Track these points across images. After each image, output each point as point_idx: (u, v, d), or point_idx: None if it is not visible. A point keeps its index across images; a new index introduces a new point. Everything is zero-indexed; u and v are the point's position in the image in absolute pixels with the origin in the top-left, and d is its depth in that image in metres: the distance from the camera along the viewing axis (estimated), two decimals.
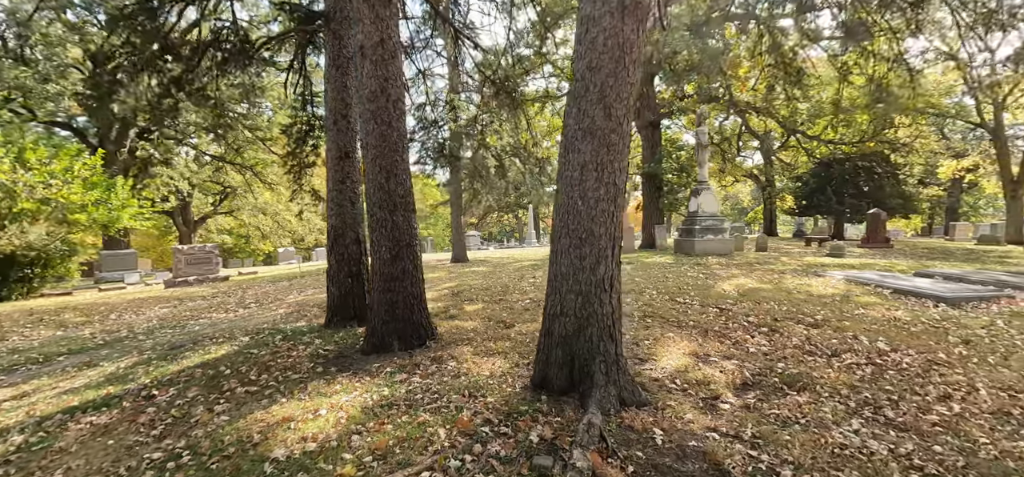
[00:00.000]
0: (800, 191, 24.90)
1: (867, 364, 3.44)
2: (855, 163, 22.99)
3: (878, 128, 19.64)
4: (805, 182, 24.59)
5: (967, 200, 37.21)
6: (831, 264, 8.73)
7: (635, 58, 2.86)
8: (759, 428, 2.48)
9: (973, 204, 38.16)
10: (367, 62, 3.60)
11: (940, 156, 27.52)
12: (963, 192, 34.46)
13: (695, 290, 5.96)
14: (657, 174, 17.28)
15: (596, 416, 2.44)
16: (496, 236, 50.66)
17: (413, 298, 3.80)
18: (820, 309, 4.94)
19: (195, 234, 28.11)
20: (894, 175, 23.82)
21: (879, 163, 23.32)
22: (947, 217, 33.50)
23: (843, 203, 23.51)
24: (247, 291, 9.36)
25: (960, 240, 22.38)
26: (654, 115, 17.67)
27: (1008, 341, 3.82)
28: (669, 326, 4.47)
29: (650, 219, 17.30)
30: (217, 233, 34.40)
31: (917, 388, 2.99)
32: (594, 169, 2.84)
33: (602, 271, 2.84)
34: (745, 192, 49.60)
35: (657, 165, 17.17)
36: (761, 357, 3.64)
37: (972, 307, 4.94)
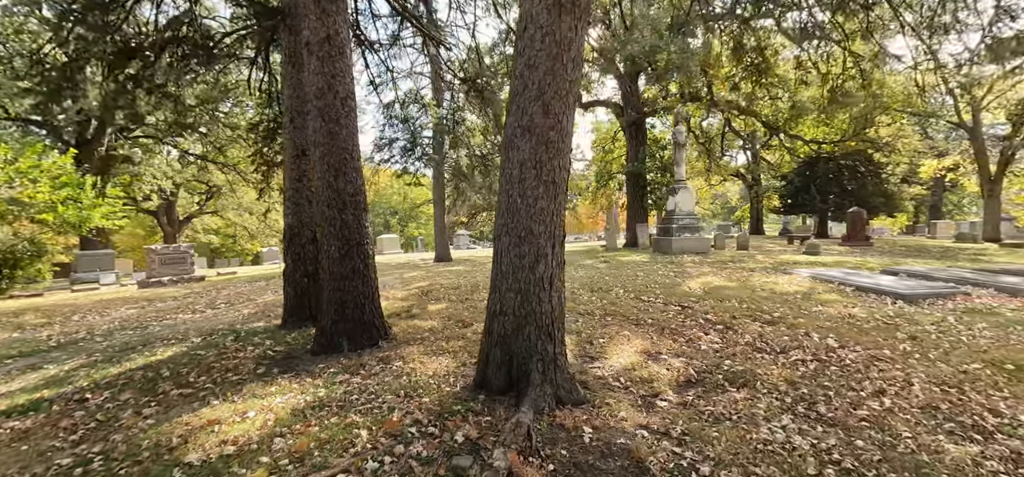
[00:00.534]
0: (785, 190, 25.23)
1: (812, 360, 3.48)
2: (839, 162, 23.34)
3: (858, 128, 19.92)
4: (790, 181, 24.91)
5: (951, 198, 37.91)
6: (804, 262, 8.84)
7: (574, 56, 2.85)
8: (690, 425, 2.49)
9: (957, 202, 38.91)
10: (313, 58, 3.55)
11: (923, 155, 27.98)
12: (946, 191, 35.08)
13: (661, 288, 5.99)
14: (640, 173, 17.36)
15: (527, 415, 2.43)
16: (488, 235, 50.59)
17: (364, 297, 3.76)
18: (779, 306, 4.99)
19: (180, 234, 27.66)
20: (877, 174, 24.23)
21: (862, 162, 23.70)
22: (930, 215, 34.13)
23: (827, 202, 23.86)
24: (221, 291, 9.21)
25: (941, 238, 22.82)
26: (637, 114, 17.76)
27: (954, 337, 3.89)
28: (628, 324, 4.49)
29: (633, 218, 17.40)
30: (203, 233, 33.89)
31: (854, 384, 3.03)
32: (533, 167, 2.82)
33: (541, 270, 2.83)
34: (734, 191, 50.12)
35: (640, 164, 17.26)
36: (711, 354, 3.66)
37: (928, 304, 5.02)
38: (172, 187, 24.30)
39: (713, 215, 52.95)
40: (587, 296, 5.64)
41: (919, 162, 29.33)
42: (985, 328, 4.13)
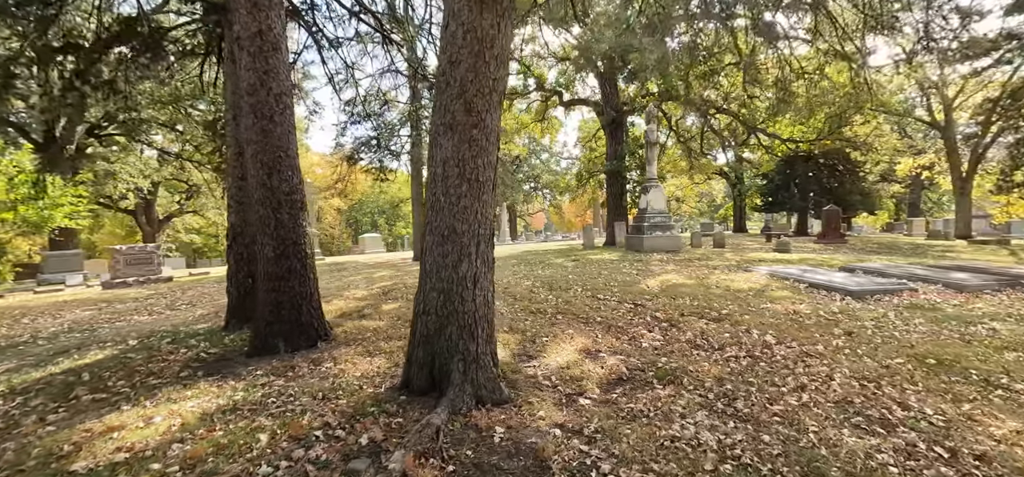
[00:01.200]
0: (766, 188, 25.59)
1: (746, 357, 3.52)
2: (818, 161, 23.75)
3: (832, 127, 20.29)
4: (771, 180, 25.27)
5: (931, 196, 38.75)
6: (769, 259, 8.98)
7: (497, 53, 2.83)
8: (605, 423, 2.50)
9: (937, 200, 39.81)
10: (244, 54, 3.48)
11: (903, 154, 28.46)
12: (925, 189, 35.82)
13: (620, 286, 6.02)
14: (619, 171, 17.46)
15: (440, 415, 2.41)
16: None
17: (301, 298, 3.70)
18: (730, 304, 5.05)
19: (160, 234, 26.97)
20: (855, 173, 24.72)
21: (841, 161, 24.15)
22: (909, 213, 34.87)
23: (806, 200, 24.27)
24: (186, 292, 9.02)
25: (916, 235, 23.32)
26: (616, 113, 17.84)
27: (888, 333, 3.97)
28: (577, 322, 4.49)
29: (612, 216, 17.47)
30: (185, 233, 33.19)
31: (779, 380, 3.07)
32: (456, 165, 2.80)
33: (465, 268, 2.81)
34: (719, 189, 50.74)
35: (619, 163, 17.35)
36: (650, 352, 3.69)
37: (874, 300, 5.13)
38: (149, 186, 23.71)
39: (700, 213, 53.46)
40: (545, 294, 5.65)
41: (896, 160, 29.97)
42: (921, 323, 4.23)
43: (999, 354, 3.37)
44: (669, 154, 24.96)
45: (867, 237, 22.58)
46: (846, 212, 26.78)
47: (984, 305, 4.87)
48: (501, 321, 4.53)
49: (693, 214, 49.66)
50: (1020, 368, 3.10)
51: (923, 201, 36.79)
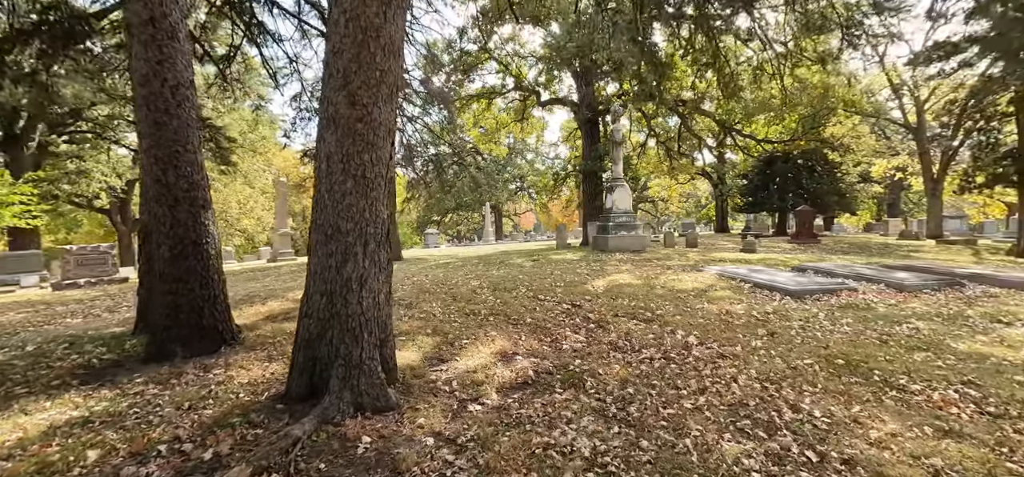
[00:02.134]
0: (745, 189, 25.82)
1: (661, 358, 3.46)
2: (796, 162, 24.05)
3: (805, 128, 20.57)
4: (750, 180, 25.52)
5: (911, 197, 39.43)
6: (731, 259, 9.00)
7: (384, 43, 2.71)
8: (483, 431, 2.39)
9: (917, 201, 40.50)
10: (136, 42, 3.30)
11: (881, 155, 28.81)
12: (903, 190, 36.43)
13: (565, 287, 5.94)
14: (595, 171, 17.43)
15: (304, 426, 2.28)
16: (467, 234, 50.35)
17: (202, 301, 3.53)
18: (667, 304, 5.00)
19: (137, 234, 26.10)
20: (832, 173, 25.08)
21: (818, 162, 24.48)
22: (888, 213, 35.45)
23: (785, 200, 24.56)
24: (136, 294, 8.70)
25: (891, 235, 23.70)
26: (592, 112, 17.81)
27: (810, 334, 3.94)
28: (507, 324, 4.39)
29: (587, 216, 17.43)
30: None
31: (683, 382, 3.00)
32: (339, 161, 2.67)
33: (350, 269, 2.68)
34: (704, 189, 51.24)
35: (595, 162, 17.32)
36: (568, 354, 3.60)
37: (812, 300, 5.12)
38: (122, 185, 22.96)
39: (687, 213, 53.80)
40: (487, 295, 5.53)
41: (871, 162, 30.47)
42: (848, 323, 4.21)
43: (909, 354, 3.36)
44: (650, 155, 25.10)
45: (841, 237, 22.94)
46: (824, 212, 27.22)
47: (919, 304, 4.90)
48: (428, 323, 4.41)
49: (680, 214, 50.03)
50: (923, 369, 3.08)
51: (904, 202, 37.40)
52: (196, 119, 3.57)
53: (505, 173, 32.07)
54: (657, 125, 22.22)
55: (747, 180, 25.89)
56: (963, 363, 3.16)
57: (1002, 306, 4.78)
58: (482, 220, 47.63)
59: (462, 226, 49.96)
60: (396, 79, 2.84)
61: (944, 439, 2.21)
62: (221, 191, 25.17)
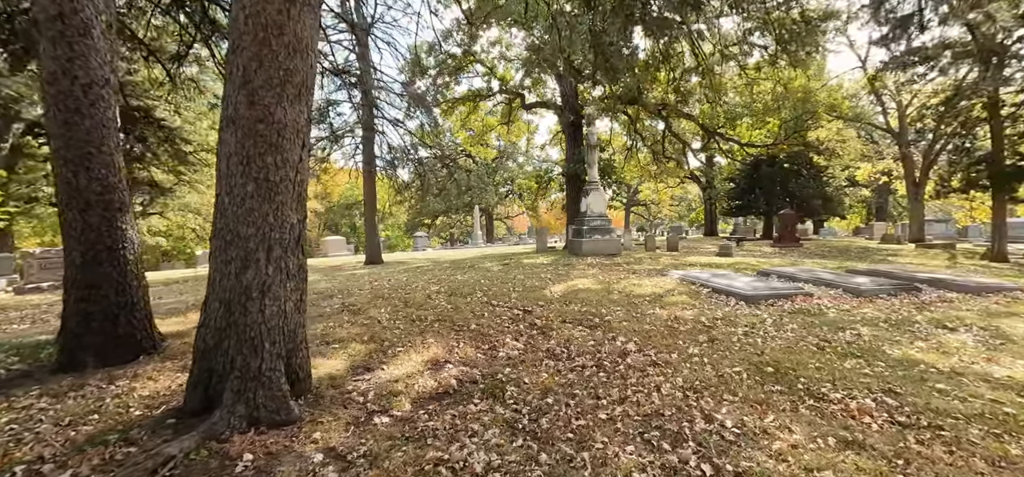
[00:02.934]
0: (732, 192, 25.94)
1: (593, 366, 3.38)
2: (783, 166, 24.21)
3: (787, 132, 20.72)
4: (737, 183, 25.66)
5: (900, 201, 39.59)
6: (702, 263, 8.97)
7: (289, 41, 2.61)
8: (379, 445, 2.29)
9: (904, 205, 40.71)
10: (44, 39, 3.17)
11: (869, 159, 28.87)
12: (891, 193, 36.64)
13: (523, 292, 5.85)
14: (578, 174, 17.39)
15: (181, 443, 2.17)
16: (461, 237, 50.25)
17: (118, 308, 3.39)
18: (618, 310, 4.93)
19: None
20: (818, 177, 25.26)
21: (804, 165, 24.66)
22: (876, 217, 35.70)
23: (771, 203, 24.70)
24: None
25: (876, 239, 23.84)
26: (574, 115, 17.79)
27: (751, 339, 3.89)
28: (450, 330, 4.29)
29: (571, 220, 17.39)
30: (150, 235, 31.78)
31: (604, 391, 2.92)
32: (239, 163, 2.57)
33: (250, 276, 2.57)
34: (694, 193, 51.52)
35: (577, 165, 17.28)
36: (501, 361, 3.51)
37: (765, 304, 5.08)
38: None
39: (679, 216, 54.05)
40: (440, 301, 5.43)
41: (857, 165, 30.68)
42: (792, 329, 4.17)
43: (842, 361, 3.31)
44: (639, 159, 25.16)
45: (825, 241, 23.12)
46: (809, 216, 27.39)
47: (871, 309, 4.87)
48: (369, 329, 4.29)
49: (673, 217, 50.24)
50: (850, 376, 3.03)
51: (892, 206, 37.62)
52: (114, 119, 3.45)
53: (496, 176, 31.96)
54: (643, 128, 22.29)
55: (734, 184, 26.04)
56: (891, 371, 3.11)
57: (952, 311, 4.77)
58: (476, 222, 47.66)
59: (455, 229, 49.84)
60: (305, 79, 2.75)
61: (845, 450, 2.15)
62: (205, 192, 24.81)
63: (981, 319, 4.41)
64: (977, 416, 2.44)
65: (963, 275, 6.80)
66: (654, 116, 19.02)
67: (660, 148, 22.11)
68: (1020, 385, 2.82)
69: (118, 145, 3.50)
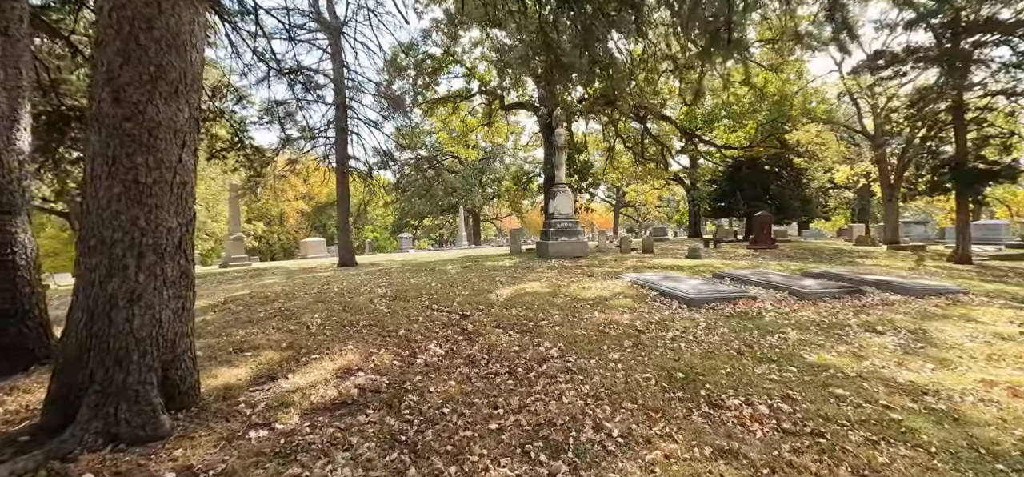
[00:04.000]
0: (714, 194, 26.12)
1: (506, 373, 3.29)
2: (763, 167, 24.45)
3: (763, 134, 20.95)
4: (718, 185, 25.85)
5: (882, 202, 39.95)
6: (664, 265, 8.96)
7: (159, 36, 2.49)
8: (241, 463, 2.18)
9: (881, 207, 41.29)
10: None
11: (851, 162, 29.10)
12: (872, 196, 36.96)
13: (469, 296, 5.76)
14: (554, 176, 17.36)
15: (13, 465, 2.03)
16: (450, 238, 49.95)
17: (8, 316, 3.23)
18: (556, 313, 4.87)
19: None
20: (798, 180, 25.54)
21: (785, 168, 24.94)
22: (859, 218, 36.10)
23: (752, 205, 24.91)
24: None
25: (853, 241, 24.03)
26: (550, 116, 17.76)
27: (677, 344, 3.84)
28: (375, 337, 4.18)
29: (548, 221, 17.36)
30: None
31: (505, 400, 2.85)
32: (104, 164, 2.43)
33: (115, 284, 2.43)
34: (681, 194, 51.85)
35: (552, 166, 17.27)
36: (416, 369, 3.41)
37: (706, 308, 5.04)
38: (75, 186, 21.78)
39: (668, 218, 54.40)
40: (380, 306, 5.31)
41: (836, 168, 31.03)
42: (723, 332, 4.14)
43: (755, 366, 3.27)
44: (621, 161, 25.25)
45: (803, 242, 23.40)
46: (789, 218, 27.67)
47: (810, 312, 4.86)
48: (293, 335, 4.16)
49: (661, 219, 50.53)
50: (757, 382, 2.99)
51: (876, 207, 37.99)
52: (9, 117, 3.27)
53: (484, 177, 31.82)
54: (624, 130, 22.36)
55: (716, 185, 26.23)
56: (800, 376, 3.08)
57: (888, 313, 4.79)
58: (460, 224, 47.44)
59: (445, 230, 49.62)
60: (184, 76, 2.62)
61: (718, 460, 2.09)
62: None
63: (913, 322, 4.43)
64: (862, 422, 2.40)
65: (910, 278, 6.88)
66: (628, 117, 19.06)
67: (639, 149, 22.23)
68: (918, 389, 2.80)
69: (9, 145, 3.33)
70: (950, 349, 3.61)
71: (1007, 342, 3.73)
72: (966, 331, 4.09)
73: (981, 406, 2.58)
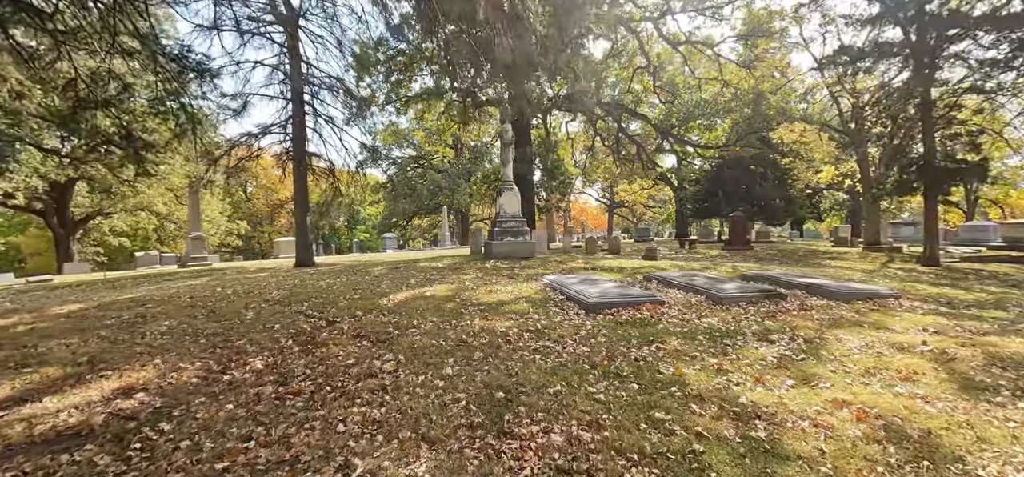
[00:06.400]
0: (697, 194, 25.73)
1: (310, 392, 2.87)
2: (747, 168, 24.05)
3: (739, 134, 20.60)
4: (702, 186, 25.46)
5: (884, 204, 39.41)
6: (610, 266, 8.55)
7: None
8: None
9: (887, 208, 40.71)
10: None
11: (840, 161, 28.61)
12: (862, 196, 36.21)
13: (362, 299, 5.36)
14: (524, 175, 16.96)
15: None
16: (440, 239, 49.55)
17: None
18: (434, 318, 4.45)
19: (75, 237, 24.26)
20: (783, 180, 25.14)
21: (769, 168, 24.54)
22: (849, 219, 35.67)
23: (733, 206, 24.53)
24: None
25: (834, 242, 23.49)
26: (520, 115, 17.36)
27: (535, 357, 3.42)
28: (202, 348, 3.75)
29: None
30: (113, 235, 30.52)
31: (273, 426, 2.42)
32: None
33: None
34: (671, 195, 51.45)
35: (524, 165, 16.87)
36: (213, 386, 2.98)
37: (603, 313, 4.61)
38: (44, 186, 21.20)
39: (665, 219, 54.11)
40: (250, 313, 4.87)
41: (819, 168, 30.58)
42: (601, 340, 3.74)
43: (596, 384, 2.85)
44: (610, 162, 24.82)
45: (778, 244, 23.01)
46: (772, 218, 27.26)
47: (714, 319, 4.46)
48: (101, 347, 3.72)
49: (654, 219, 50.18)
50: (579, 404, 2.57)
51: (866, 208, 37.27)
52: None
53: (473, 177, 31.32)
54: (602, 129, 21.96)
55: (699, 186, 25.85)
56: (637, 395, 2.66)
57: (796, 320, 4.38)
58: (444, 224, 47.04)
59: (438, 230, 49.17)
60: None
61: None
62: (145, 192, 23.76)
63: (816, 330, 4.03)
64: (655, 457, 1.98)
65: (843, 281, 6.49)
66: (588, 114, 18.58)
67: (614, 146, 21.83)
68: (753, 412, 2.38)
69: None
70: (831, 361, 3.20)
71: (900, 353, 3.32)
72: (865, 340, 3.69)
73: (809, 433, 2.17)
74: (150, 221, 29.00)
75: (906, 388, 2.67)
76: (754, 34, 17.49)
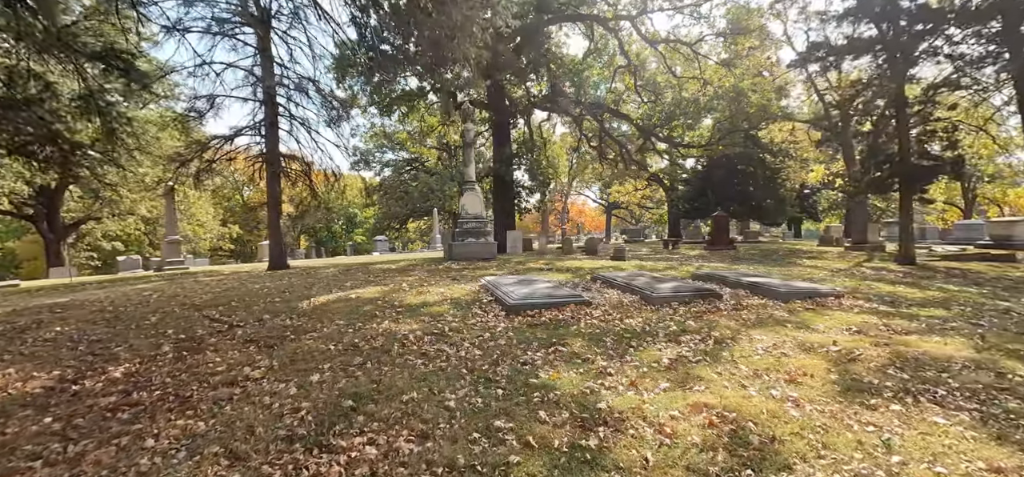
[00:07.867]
0: (687, 194, 25.50)
1: (156, 403, 2.67)
2: (736, 167, 23.83)
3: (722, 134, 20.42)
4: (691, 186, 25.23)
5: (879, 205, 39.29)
6: (566, 267, 8.35)
7: None
8: None
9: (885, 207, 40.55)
10: None
11: (835, 161, 28.30)
12: None
13: (284, 302, 5.21)
14: (503, 175, 16.78)
15: None
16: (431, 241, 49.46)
17: None
18: (342, 321, 4.25)
19: (66, 242, 24.04)
20: (772, 179, 24.92)
21: (759, 168, 24.32)
22: (845, 218, 35.28)
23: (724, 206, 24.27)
24: None
25: (818, 241, 23.27)
26: (501, 115, 17.18)
27: (415, 361, 3.21)
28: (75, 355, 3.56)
29: (500, 223, 16.70)
30: (105, 239, 30.27)
31: (89, 437, 2.21)
32: None
33: None
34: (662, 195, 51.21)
35: (504, 166, 16.69)
36: (51, 398, 2.78)
37: (523, 315, 4.39)
38: (30, 191, 20.96)
39: (661, 219, 53.91)
40: (155, 317, 4.67)
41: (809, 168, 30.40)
42: (500, 343, 3.55)
43: (457, 391, 2.64)
44: (596, 163, 24.63)
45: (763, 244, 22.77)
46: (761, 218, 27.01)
47: (638, 320, 4.27)
48: None
49: (651, 219, 49.95)
50: (420, 413, 2.37)
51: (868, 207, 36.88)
52: None
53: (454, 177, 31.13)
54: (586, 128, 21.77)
55: (689, 186, 25.63)
56: (493, 403, 2.46)
57: (720, 320, 4.19)
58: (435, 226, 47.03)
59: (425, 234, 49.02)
60: None
61: None
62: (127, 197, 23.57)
63: (735, 330, 3.83)
64: (469, 469, 1.78)
65: (789, 281, 6.29)
66: (564, 113, 18.37)
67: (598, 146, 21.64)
68: (602, 418, 2.18)
69: None
70: (726, 363, 2.99)
71: (803, 353, 3.12)
72: (776, 339, 3.49)
73: (646, 440, 1.97)
74: (138, 226, 28.87)
75: (784, 390, 2.47)
76: (734, 31, 17.36)
